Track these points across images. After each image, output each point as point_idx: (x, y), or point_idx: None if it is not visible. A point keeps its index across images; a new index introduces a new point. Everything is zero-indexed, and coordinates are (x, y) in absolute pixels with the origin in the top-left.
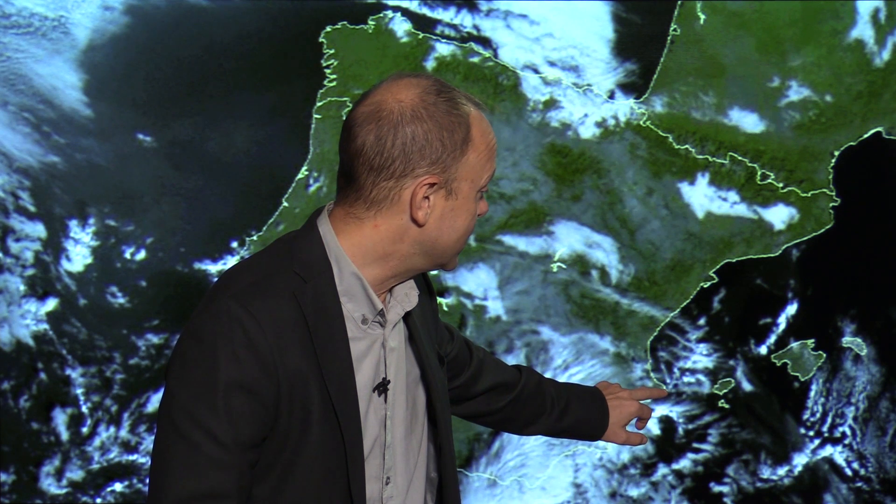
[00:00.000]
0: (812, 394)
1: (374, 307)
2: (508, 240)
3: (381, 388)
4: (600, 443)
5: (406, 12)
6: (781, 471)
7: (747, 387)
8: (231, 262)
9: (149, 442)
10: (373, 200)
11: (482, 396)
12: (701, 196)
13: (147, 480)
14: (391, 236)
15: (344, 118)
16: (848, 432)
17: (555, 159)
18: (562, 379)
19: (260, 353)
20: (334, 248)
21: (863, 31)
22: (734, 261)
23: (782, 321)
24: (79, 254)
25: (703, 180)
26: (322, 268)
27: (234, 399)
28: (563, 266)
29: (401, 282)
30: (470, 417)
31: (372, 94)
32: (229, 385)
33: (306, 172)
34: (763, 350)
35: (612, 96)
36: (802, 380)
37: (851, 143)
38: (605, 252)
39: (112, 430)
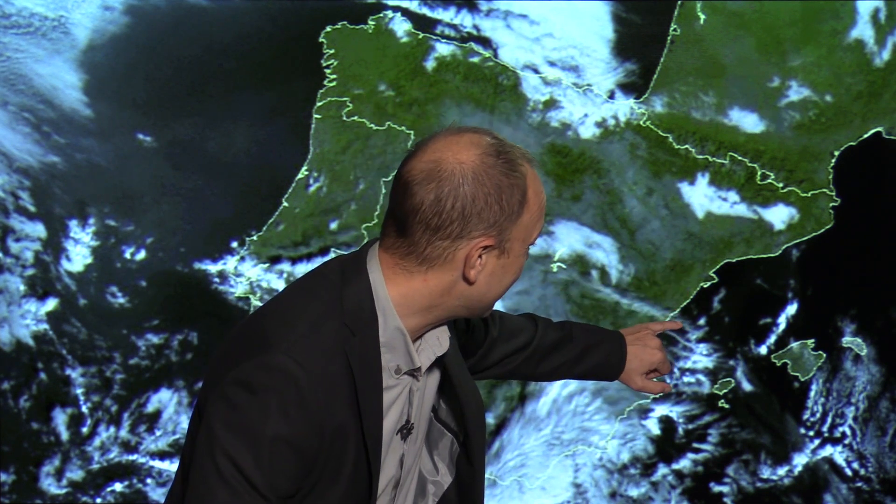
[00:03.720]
0: (812, 394)
1: (413, 363)
2: None
3: (406, 430)
4: (600, 443)
5: (406, 12)
6: (781, 471)
7: (747, 387)
8: (231, 262)
9: (149, 442)
10: (426, 257)
11: (491, 368)
12: (701, 196)
13: (147, 482)
14: (440, 290)
15: (399, 168)
16: (848, 432)
17: (555, 159)
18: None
19: (310, 412)
20: (383, 300)
21: (863, 31)
22: (734, 261)
23: (782, 321)
24: (79, 254)
25: (703, 180)
26: (370, 320)
27: (278, 453)
28: (563, 266)
29: (435, 327)
30: (483, 379)
31: (430, 150)
32: (276, 439)
33: (306, 172)
34: (763, 350)
35: (612, 96)
36: (802, 380)
37: (851, 143)
38: (605, 252)
39: (112, 430)
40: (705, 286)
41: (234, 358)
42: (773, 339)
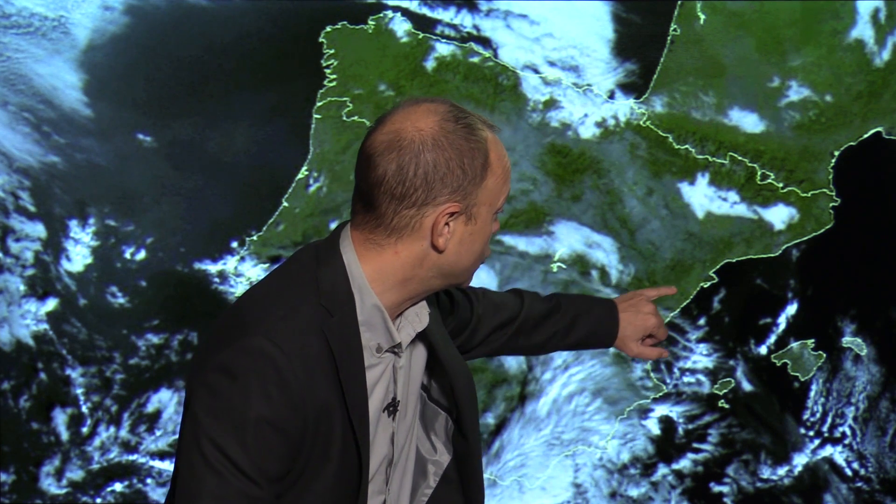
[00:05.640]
0: (812, 394)
1: (393, 339)
2: (508, 240)
3: (392, 408)
4: (600, 443)
5: (406, 12)
6: (781, 471)
7: (747, 387)
8: (231, 262)
9: (149, 442)
10: (394, 228)
11: (480, 346)
12: (701, 196)
13: (147, 482)
14: (411, 262)
15: (361, 143)
16: (848, 432)
17: (555, 159)
18: (561, 379)
19: (291, 392)
20: (358, 278)
21: (863, 31)
22: (734, 261)
23: (782, 321)
24: (79, 254)
25: (703, 180)
26: (346, 300)
27: (263, 435)
28: (563, 266)
29: (415, 303)
30: (474, 358)
31: (389, 122)
32: (259, 422)
33: (306, 172)
34: (763, 350)
35: (612, 96)
36: (802, 380)
37: (851, 143)
38: (605, 252)
39: (112, 430)
40: (705, 286)
41: (215, 346)
42: (773, 339)
